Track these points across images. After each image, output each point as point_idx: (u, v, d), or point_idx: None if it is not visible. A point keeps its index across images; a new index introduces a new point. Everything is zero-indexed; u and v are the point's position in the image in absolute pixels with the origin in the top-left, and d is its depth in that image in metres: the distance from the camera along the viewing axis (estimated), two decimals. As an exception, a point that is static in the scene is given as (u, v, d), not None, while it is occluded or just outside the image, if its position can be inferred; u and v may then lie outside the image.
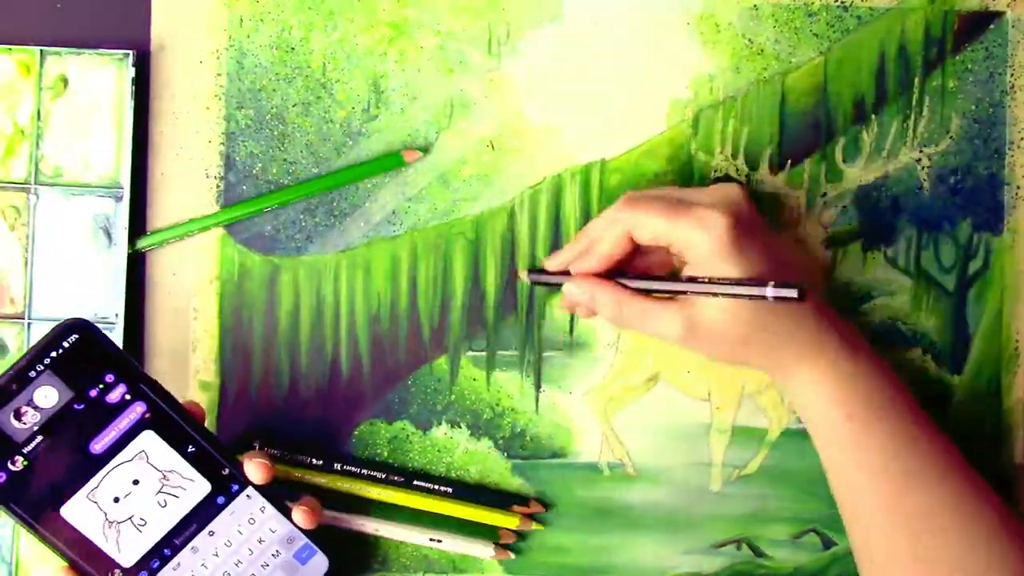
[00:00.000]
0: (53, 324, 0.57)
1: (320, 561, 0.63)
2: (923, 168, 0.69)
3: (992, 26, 0.70)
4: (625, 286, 0.62)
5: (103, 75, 0.67)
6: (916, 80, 0.69)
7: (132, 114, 0.67)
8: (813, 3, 0.69)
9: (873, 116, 0.69)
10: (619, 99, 0.69)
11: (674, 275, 0.63)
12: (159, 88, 0.68)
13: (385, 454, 0.69)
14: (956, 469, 0.61)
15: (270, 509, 0.62)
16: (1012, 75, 0.70)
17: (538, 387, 0.69)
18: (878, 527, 0.61)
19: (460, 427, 0.69)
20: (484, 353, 0.69)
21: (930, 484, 0.60)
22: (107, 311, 0.67)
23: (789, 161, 0.69)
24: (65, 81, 0.67)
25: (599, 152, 0.69)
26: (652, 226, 0.60)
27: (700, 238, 0.59)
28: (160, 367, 0.68)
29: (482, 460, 0.69)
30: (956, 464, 0.62)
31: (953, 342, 0.70)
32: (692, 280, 0.59)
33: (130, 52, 0.67)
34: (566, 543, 0.69)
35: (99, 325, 0.59)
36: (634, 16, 0.69)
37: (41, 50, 0.67)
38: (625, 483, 0.69)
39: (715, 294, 0.58)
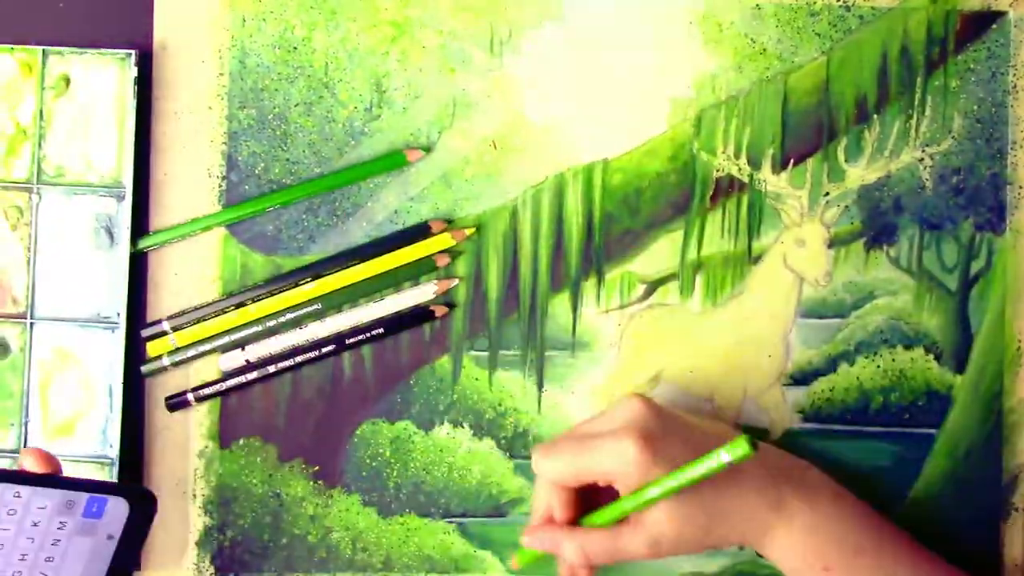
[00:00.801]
0: (56, 324, 0.56)
1: (117, 506, 0.56)
2: (925, 168, 0.69)
3: (994, 26, 0.70)
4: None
5: (105, 75, 0.67)
6: (918, 80, 0.69)
7: (135, 114, 0.67)
8: (815, 3, 0.69)
9: (875, 116, 0.69)
10: (621, 98, 0.69)
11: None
12: (161, 88, 0.68)
13: (387, 454, 0.69)
14: None
15: (24, 489, 0.56)
16: (1014, 75, 0.70)
17: (540, 387, 0.69)
18: None
19: (462, 427, 0.69)
20: (486, 353, 0.69)
21: None
22: (109, 311, 0.67)
23: (791, 161, 0.69)
24: (67, 81, 0.67)
25: (601, 151, 0.69)
26: (568, 473, 0.61)
27: (616, 471, 0.59)
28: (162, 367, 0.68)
29: (484, 460, 0.69)
30: None
31: (955, 342, 0.70)
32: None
33: (132, 52, 0.67)
34: (568, 543, 0.69)
35: (101, 324, 0.59)
36: (636, 15, 0.69)
37: (43, 49, 0.67)
38: (627, 483, 0.69)
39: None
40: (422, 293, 0.68)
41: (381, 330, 0.68)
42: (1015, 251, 0.69)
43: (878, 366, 0.69)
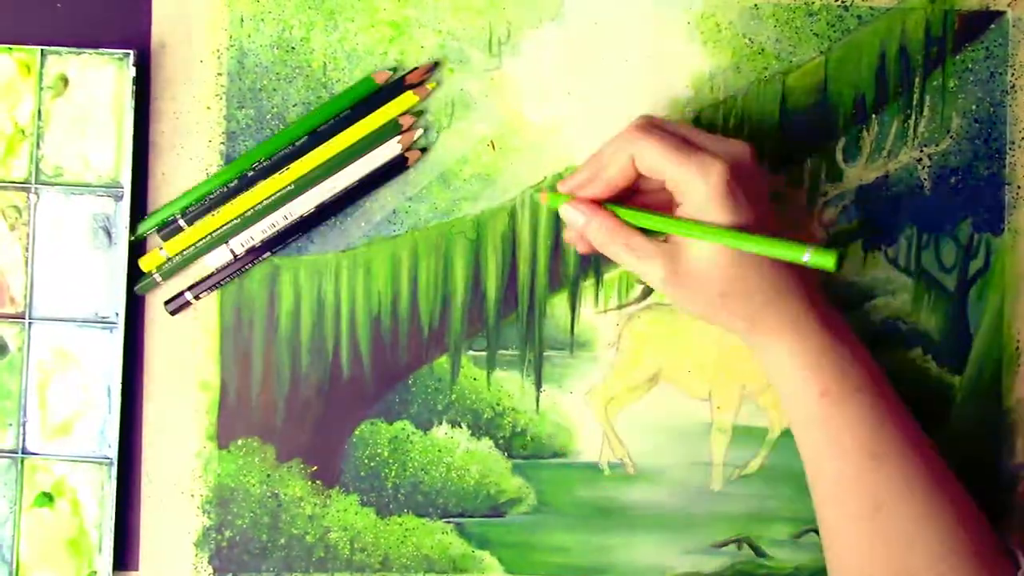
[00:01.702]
0: (54, 323, 0.56)
1: None
2: (924, 168, 0.69)
3: (993, 26, 0.70)
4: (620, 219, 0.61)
5: (103, 75, 0.67)
6: (916, 80, 0.69)
7: (133, 114, 0.67)
8: (814, 3, 0.69)
9: (873, 116, 0.69)
10: (620, 98, 0.69)
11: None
12: (159, 87, 0.68)
13: (385, 454, 0.69)
14: (919, 452, 0.61)
15: None
16: (1013, 75, 0.70)
17: (539, 387, 0.69)
18: (842, 506, 0.61)
19: (461, 427, 0.69)
20: (484, 353, 0.69)
21: (893, 467, 0.60)
22: (107, 310, 0.67)
23: (790, 160, 0.69)
24: (65, 80, 0.67)
25: (600, 152, 0.69)
26: (653, 159, 0.59)
27: (697, 182, 0.58)
28: (160, 367, 0.68)
29: (483, 460, 0.69)
30: (919, 447, 0.61)
31: (954, 342, 0.70)
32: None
33: (130, 52, 0.67)
34: (566, 543, 0.69)
35: (100, 324, 0.59)
36: (635, 15, 0.69)
37: (42, 50, 0.67)
38: (625, 483, 0.69)
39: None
40: (389, 150, 0.68)
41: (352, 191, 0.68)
42: (1014, 251, 0.69)
43: (877, 366, 0.69)
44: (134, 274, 0.68)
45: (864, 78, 0.69)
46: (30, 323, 0.67)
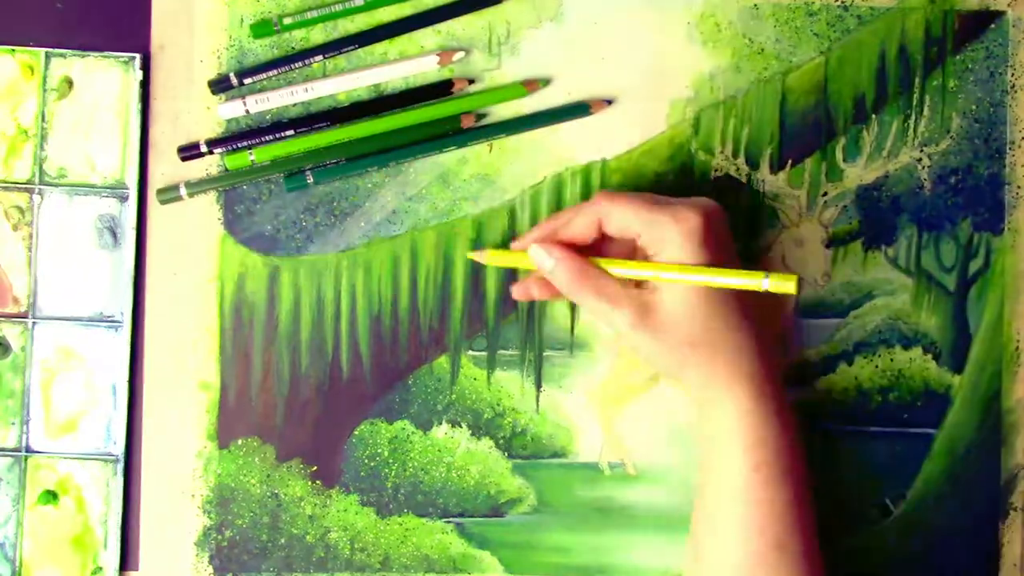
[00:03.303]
0: (58, 323, 0.57)
1: None
2: (924, 168, 0.69)
3: (992, 26, 0.69)
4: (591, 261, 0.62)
5: (108, 77, 0.68)
6: (916, 80, 0.69)
7: (139, 117, 0.67)
8: (813, 3, 0.69)
9: (873, 116, 0.69)
10: (619, 98, 0.69)
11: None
12: (159, 88, 0.68)
13: (385, 454, 0.69)
14: (815, 549, 0.61)
15: None
16: (1012, 75, 0.69)
17: (539, 387, 0.69)
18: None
19: (461, 427, 0.69)
20: (484, 353, 0.69)
21: (792, 560, 0.60)
22: (112, 310, 0.68)
23: (790, 161, 0.69)
24: (70, 83, 0.68)
25: (600, 152, 0.69)
26: (625, 217, 0.60)
27: (671, 229, 0.59)
28: (160, 367, 0.68)
29: (483, 460, 0.69)
30: (813, 539, 0.61)
31: (954, 342, 0.69)
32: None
33: (136, 55, 0.67)
34: (566, 543, 0.69)
35: (104, 324, 0.59)
36: (635, 15, 0.69)
37: (46, 52, 0.67)
38: (626, 483, 0.69)
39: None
40: (423, 63, 0.68)
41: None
42: (1013, 251, 0.69)
43: (876, 366, 0.69)
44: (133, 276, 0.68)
45: (864, 78, 0.69)
46: (34, 323, 0.68)
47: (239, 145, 0.68)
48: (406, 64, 0.68)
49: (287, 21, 0.68)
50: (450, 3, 0.68)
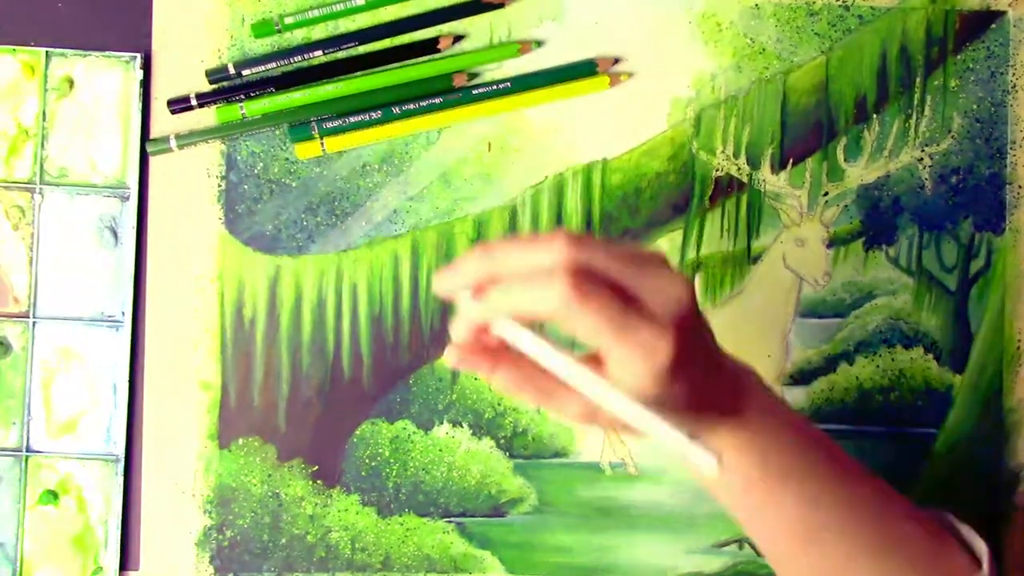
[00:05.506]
0: (59, 322, 0.57)
1: None
2: (925, 167, 0.69)
3: (993, 26, 0.69)
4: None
5: (109, 77, 0.68)
6: (918, 79, 0.69)
7: (140, 117, 0.67)
8: (815, 2, 0.69)
9: (875, 115, 0.69)
10: (620, 98, 0.69)
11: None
12: (161, 87, 0.68)
13: (386, 454, 0.69)
14: (861, 526, 0.56)
15: None
16: (1013, 74, 0.69)
17: (539, 386, 0.69)
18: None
19: (462, 427, 0.69)
20: (485, 352, 0.69)
21: (830, 547, 0.56)
22: (113, 309, 0.68)
23: (791, 160, 0.69)
24: (71, 82, 0.68)
25: (601, 151, 0.69)
26: (589, 333, 0.47)
27: (638, 365, 0.47)
28: (161, 367, 0.68)
29: (484, 460, 0.69)
30: (861, 520, 0.56)
31: (955, 341, 0.69)
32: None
33: (137, 55, 0.67)
34: (567, 543, 0.69)
35: (105, 323, 0.59)
36: (635, 15, 0.69)
37: (47, 52, 0.67)
38: (627, 483, 0.69)
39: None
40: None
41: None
42: (1014, 250, 0.69)
43: (877, 366, 0.69)
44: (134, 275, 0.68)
45: (865, 78, 0.69)
46: (34, 322, 0.68)
47: (230, 98, 0.68)
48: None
49: (288, 21, 0.68)
50: (451, 4, 0.68)
